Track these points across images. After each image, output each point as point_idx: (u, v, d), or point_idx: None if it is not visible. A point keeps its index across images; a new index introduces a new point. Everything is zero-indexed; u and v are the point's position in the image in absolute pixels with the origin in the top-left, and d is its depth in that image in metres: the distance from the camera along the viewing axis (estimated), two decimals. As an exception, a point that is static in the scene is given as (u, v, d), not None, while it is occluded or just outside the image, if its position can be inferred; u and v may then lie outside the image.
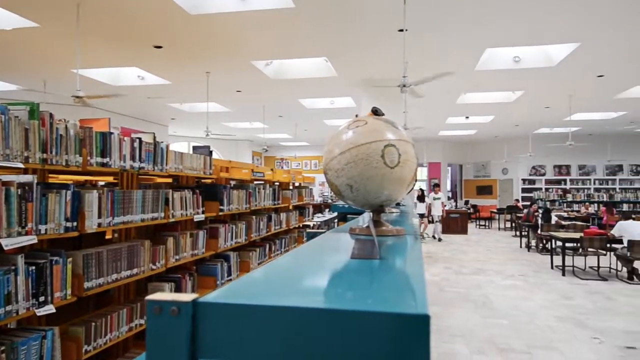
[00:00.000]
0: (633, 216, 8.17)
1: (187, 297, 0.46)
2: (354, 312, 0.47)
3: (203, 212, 4.02)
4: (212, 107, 11.33)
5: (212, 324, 0.47)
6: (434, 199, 12.56)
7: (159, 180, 4.14)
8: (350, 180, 1.19)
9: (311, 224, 8.20)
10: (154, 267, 3.31)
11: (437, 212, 12.45)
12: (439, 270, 8.18)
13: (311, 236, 1.36)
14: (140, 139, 3.19)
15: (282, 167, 20.74)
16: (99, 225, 2.71)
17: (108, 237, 3.53)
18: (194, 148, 4.65)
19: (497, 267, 8.46)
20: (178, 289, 3.71)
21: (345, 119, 1.24)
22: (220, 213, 4.33)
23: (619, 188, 17.43)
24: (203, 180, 4.64)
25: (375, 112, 1.39)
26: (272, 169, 6.66)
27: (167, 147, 3.54)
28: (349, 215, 2.98)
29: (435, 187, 13.21)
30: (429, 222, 12.98)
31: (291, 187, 7.35)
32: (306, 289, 0.62)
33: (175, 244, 3.61)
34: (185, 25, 6.05)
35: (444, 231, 14.01)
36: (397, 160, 1.19)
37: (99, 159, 2.80)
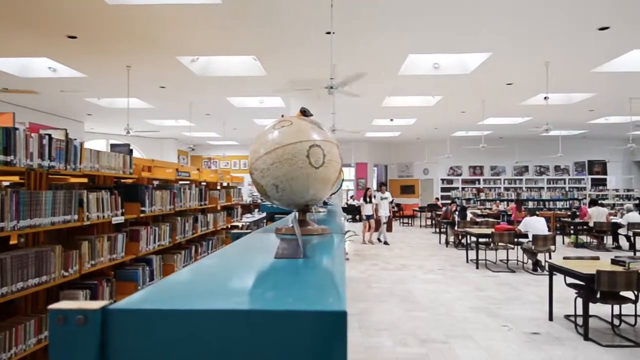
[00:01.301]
0: (537, 213, 8.98)
1: (95, 304, 0.43)
2: (274, 312, 0.47)
3: (122, 214, 3.80)
4: (134, 103, 10.75)
5: (124, 333, 0.44)
6: (382, 198, 11.88)
7: (73, 180, 3.86)
8: (276, 180, 1.19)
9: (240, 224, 8.08)
10: (66, 273, 3.07)
11: (384, 212, 11.87)
12: (367, 267, 8.43)
13: (236, 237, 1.34)
14: (50, 135, 2.94)
15: (209, 167, 20.19)
16: (2, 229, 2.47)
17: (13, 242, 3.22)
18: (112, 146, 4.39)
19: (419, 263, 8.89)
20: (94, 296, 3.48)
21: (276, 119, 1.24)
22: (142, 215, 4.12)
23: (525, 187, 19.11)
24: (123, 181, 4.39)
25: (304, 112, 1.40)
26: (198, 169, 6.46)
27: (82, 144, 3.30)
28: (277, 215, 2.98)
29: (382, 185, 12.60)
30: (385, 223, 12.09)
31: (219, 187, 7.19)
32: (227, 291, 0.61)
33: (91, 248, 3.38)
34: (103, 15, 5.68)
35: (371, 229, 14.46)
36: (322, 160, 1.21)
37: (2, 157, 2.55)
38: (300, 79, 8.59)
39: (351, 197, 20.09)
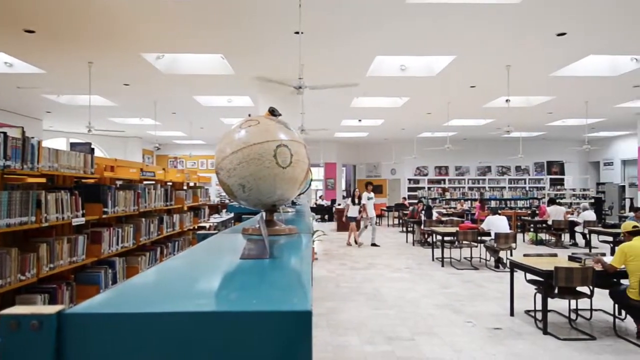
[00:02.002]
0: (499, 212, 9.26)
1: (50, 309, 0.42)
2: (238, 313, 0.47)
3: (83, 215, 3.67)
4: (96, 101, 10.39)
5: (82, 339, 0.43)
6: (369, 198, 11.36)
7: (31, 180, 3.70)
8: (243, 180, 1.18)
9: (207, 225, 7.97)
10: (22, 277, 2.94)
11: (371, 213, 11.43)
12: (335, 266, 8.47)
13: (202, 237, 1.33)
14: (5, 133, 2.81)
15: (175, 167, 19.79)
16: (-49, 232, 2.34)
17: (-37, 245, 3.06)
18: (72, 145, 4.24)
19: (386, 262, 9.01)
20: (53, 300, 3.35)
21: (243, 118, 1.23)
22: (104, 216, 4.00)
23: (488, 187, 19.70)
24: (84, 181, 4.25)
25: (272, 112, 1.40)
26: (164, 169, 6.34)
27: (39, 143, 3.17)
28: (244, 215, 2.95)
29: (368, 185, 11.88)
30: (365, 226, 11.71)
31: (185, 187, 7.06)
32: (191, 293, 0.60)
33: (50, 250, 3.26)
34: (62, 8, 5.47)
35: (340, 229, 14.52)
36: (289, 160, 1.21)
37: (-49, 156, 2.41)
38: (269, 79, 8.54)
39: (320, 197, 20.15)
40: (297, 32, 6.03)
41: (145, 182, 5.49)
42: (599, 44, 6.91)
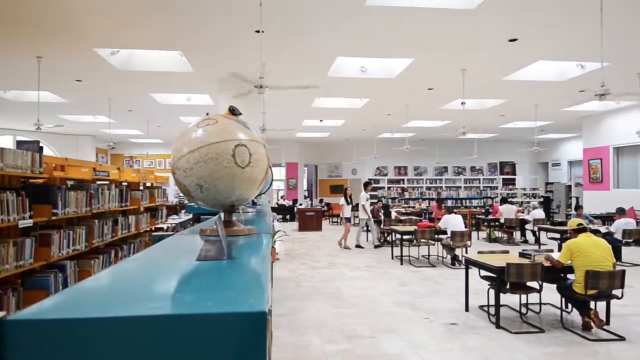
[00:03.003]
0: (455, 211, 9.55)
1: (-11, 316, 0.40)
2: (191, 315, 0.46)
3: (31, 217, 3.49)
4: (45, 97, 9.90)
5: (25, 347, 0.41)
6: (367, 199, 11.00)
7: (-29, 180, 3.48)
8: (200, 180, 1.17)
9: (165, 226, 7.76)
10: (-38, 284, 2.76)
11: (367, 214, 10.98)
12: (296, 266, 8.46)
13: (158, 239, 1.29)
14: (-58, 130, 2.63)
15: (131, 166, 19.15)
16: None
17: None
18: (19, 143, 4.03)
19: (346, 261, 9.09)
20: (-3, 307, 3.17)
21: (200, 117, 1.20)
22: (54, 217, 3.82)
23: (445, 186, 20.29)
24: (31, 181, 4.04)
25: (233, 111, 1.38)
26: (118, 168, 6.11)
27: (-18, 141, 2.99)
28: (203, 216, 2.91)
29: (367, 185, 11.47)
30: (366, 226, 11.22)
31: (142, 188, 6.84)
32: (144, 296, 0.59)
33: (-7, 255, 3.08)
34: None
35: (302, 228, 14.53)
36: (248, 160, 1.20)
37: None
38: (229, 77, 8.42)
39: (282, 197, 20.08)
40: (257, 31, 5.98)
41: (98, 182, 5.28)
42: (547, 50, 7.27)
